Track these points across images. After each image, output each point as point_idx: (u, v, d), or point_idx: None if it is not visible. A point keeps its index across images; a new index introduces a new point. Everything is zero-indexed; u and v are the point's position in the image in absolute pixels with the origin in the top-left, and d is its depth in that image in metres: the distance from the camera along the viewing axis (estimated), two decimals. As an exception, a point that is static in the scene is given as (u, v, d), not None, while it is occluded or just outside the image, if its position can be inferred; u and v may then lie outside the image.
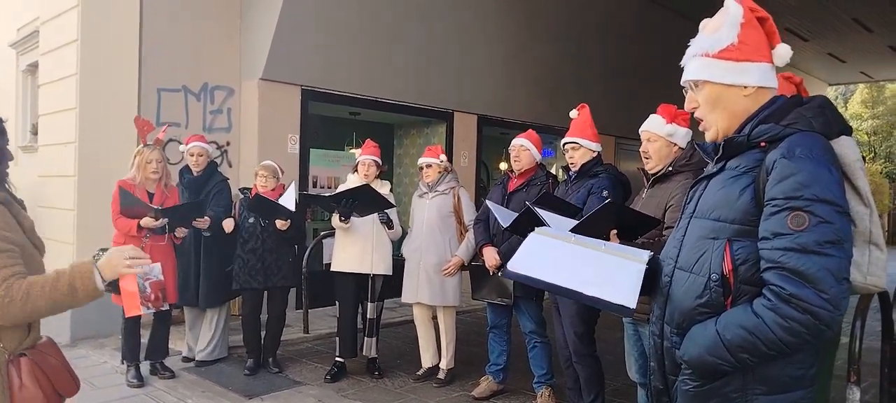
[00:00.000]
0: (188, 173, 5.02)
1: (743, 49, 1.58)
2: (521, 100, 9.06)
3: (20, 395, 1.83)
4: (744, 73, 1.59)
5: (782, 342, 1.40)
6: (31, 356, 1.88)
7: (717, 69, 1.60)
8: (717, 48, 1.60)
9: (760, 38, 1.61)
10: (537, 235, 1.79)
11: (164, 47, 6.19)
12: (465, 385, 4.68)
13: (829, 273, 1.37)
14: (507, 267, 1.69)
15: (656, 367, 1.73)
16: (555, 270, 1.66)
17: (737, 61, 1.58)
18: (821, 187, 1.40)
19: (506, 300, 4.22)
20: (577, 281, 1.62)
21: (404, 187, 8.74)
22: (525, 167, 4.24)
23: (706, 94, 1.64)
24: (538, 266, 1.68)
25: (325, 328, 6.20)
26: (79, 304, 1.88)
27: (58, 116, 6.19)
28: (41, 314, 1.82)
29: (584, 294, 1.60)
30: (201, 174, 4.97)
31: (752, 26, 1.60)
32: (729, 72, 1.59)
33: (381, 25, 7.18)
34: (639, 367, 3.26)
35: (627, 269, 1.65)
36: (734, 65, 1.59)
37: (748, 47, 1.58)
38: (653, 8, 10.76)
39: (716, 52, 1.60)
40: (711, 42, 1.61)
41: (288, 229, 4.70)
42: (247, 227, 4.83)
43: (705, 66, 1.62)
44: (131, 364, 4.62)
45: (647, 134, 3.16)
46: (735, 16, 1.59)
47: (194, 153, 4.96)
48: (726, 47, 1.59)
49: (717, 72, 1.60)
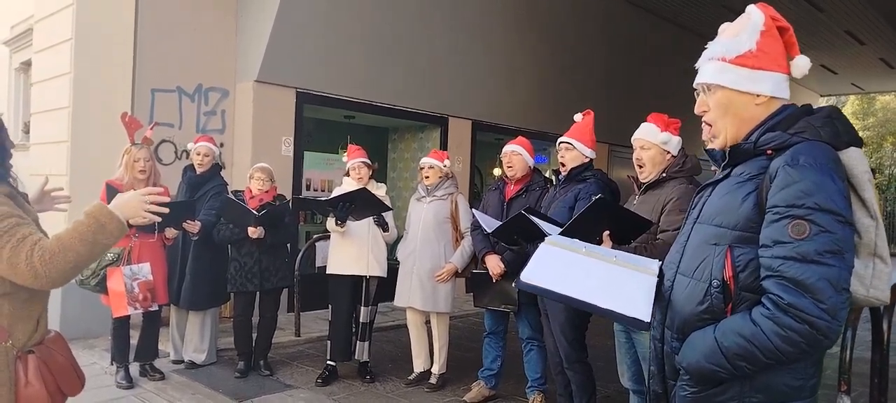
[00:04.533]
0: (191, 171, 5.01)
1: (760, 57, 1.56)
2: (515, 105, 9.08)
3: (25, 392, 1.83)
4: (758, 82, 1.57)
5: (779, 351, 1.39)
6: (39, 353, 1.88)
7: (732, 75, 1.58)
8: (734, 53, 1.58)
9: (779, 48, 1.59)
10: (548, 246, 1.77)
11: (158, 47, 6.16)
12: (457, 391, 4.67)
13: (829, 283, 1.36)
14: (520, 278, 1.65)
15: (656, 371, 1.73)
16: (568, 282, 1.63)
17: (753, 69, 1.57)
18: (823, 196, 1.39)
19: (511, 307, 4.20)
20: (590, 294, 1.59)
21: (398, 191, 8.74)
22: (519, 173, 4.24)
23: (718, 99, 1.62)
24: (551, 277, 1.65)
25: (316, 331, 6.18)
26: (112, 241, 1.87)
27: (50, 115, 6.15)
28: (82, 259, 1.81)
29: (599, 306, 1.57)
30: (204, 173, 4.97)
31: (772, 35, 1.58)
32: (744, 78, 1.57)
33: (376, 29, 7.19)
34: (631, 374, 3.26)
35: (640, 282, 1.64)
36: (749, 72, 1.57)
37: (766, 56, 1.57)
38: (647, 17, 10.82)
39: (733, 58, 1.58)
40: (729, 47, 1.59)
41: (265, 237, 4.64)
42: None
43: (720, 71, 1.60)
44: (121, 366, 4.58)
45: (641, 142, 3.17)
46: (756, 23, 1.58)
47: (200, 152, 4.97)
48: (744, 53, 1.57)
49: (732, 77, 1.58)
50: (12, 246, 1.75)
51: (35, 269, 1.74)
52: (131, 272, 4.32)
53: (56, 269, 1.76)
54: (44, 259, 1.74)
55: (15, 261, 1.74)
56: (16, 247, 1.75)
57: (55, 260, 1.76)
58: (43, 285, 1.79)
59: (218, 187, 4.96)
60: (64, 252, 1.77)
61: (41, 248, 1.76)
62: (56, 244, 1.78)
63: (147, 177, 4.55)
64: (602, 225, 2.74)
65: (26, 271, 1.74)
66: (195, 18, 6.42)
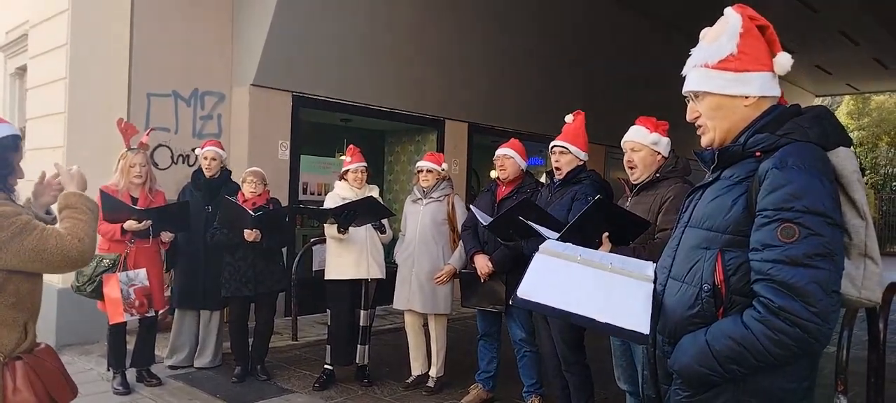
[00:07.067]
0: (201, 176, 5.01)
1: (743, 59, 1.56)
2: (512, 108, 9.09)
3: (13, 399, 1.83)
4: (744, 84, 1.56)
5: (770, 354, 1.39)
6: (28, 360, 1.87)
7: (718, 80, 1.58)
8: (716, 58, 1.57)
9: (761, 46, 1.58)
10: (543, 255, 1.74)
11: (154, 52, 6.15)
12: (455, 394, 4.66)
13: (818, 286, 1.36)
14: (517, 294, 1.61)
15: (649, 376, 1.73)
16: (565, 296, 1.61)
17: (737, 72, 1.56)
18: (812, 198, 1.38)
19: (498, 307, 4.21)
20: (588, 308, 1.57)
21: (395, 194, 8.74)
22: (511, 176, 4.25)
23: (707, 105, 1.62)
24: (548, 292, 1.62)
25: (313, 335, 6.17)
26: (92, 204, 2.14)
27: (46, 120, 6.14)
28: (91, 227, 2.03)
29: (598, 321, 1.55)
30: (215, 178, 4.99)
31: (752, 35, 1.58)
32: (729, 82, 1.57)
33: (372, 33, 7.19)
34: (627, 376, 3.27)
35: (636, 291, 1.63)
36: (734, 75, 1.56)
37: (748, 57, 1.56)
38: (643, 19, 10.84)
39: (715, 63, 1.58)
40: (711, 52, 1.59)
41: (262, 240, 4.63)
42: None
43: (705, 78, 1.60)
44: (117, 372, 4.56)
45: (632, 143, 3.20)
46: (734, 26, 1.57)
47: (208, 156, 4.98)
48: (726, 58, 1.56)
49: (718, 83, 1.58)
50: (37, 236, 1.85)
51: (65, 250, 1.88)
52: (127, 278, 4.31)
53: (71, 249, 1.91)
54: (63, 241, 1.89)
55: (43, 247, 1.84)
56: (41, 236, 1.85)
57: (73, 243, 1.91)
58: (75, 263, 1.95)
59: (233, 190, 4.96)
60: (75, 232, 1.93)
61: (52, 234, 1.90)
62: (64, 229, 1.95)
63: (143, 182, 4.55)
64: (601, 227, 2.74)
65: (57, 254, 1.87)
66: (191, 22, 6.41)
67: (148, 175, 4.58)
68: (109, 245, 4.41)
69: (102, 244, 4.38)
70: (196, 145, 6.09)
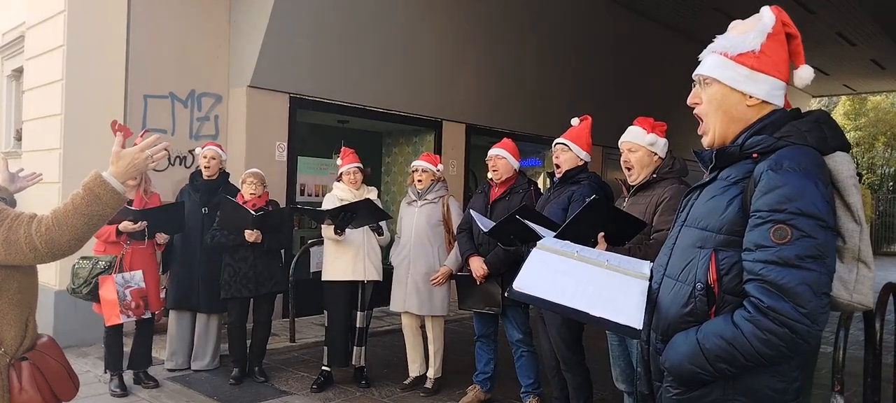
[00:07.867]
0: (199, 177, 5.01)
1: (762, 59, 1.55)
2: (509, 109, 9.10)
3: (19, 399, 1.84)
4: (753, 83, 1.56)
5: (759, 354, 1.40)
6: (32, 359, 1.88)
7: (730, 71, 1.58)
8: (737, 51, 1.57)
9: (782, 54, 1.58)
10: (540, 251, 1.76)
11: (151, 53, 6.15)
12: (453, 395, 4.66)
13: (809, 287, 1.37)
14: (513, 286, 1.63)
15: (642, 373, 1.74)
16: (560, 289, 1.62)
17: (752, 69, 1.56)
18: (805, 201, 1.39)
19: (494, 309, 4.22)
20: (583, 302, 1.58)
21: (393, 195, 8.74)
22: (504, 176, 4.24)
23: (711, 93, 1.62)
24: (543, 285, 1.64)
25: (311, 336, 6.17)
26: (108, 211, 1.87)
27: (43, 122, 6.12)
28: (80, 232, 1.83)
29: (591, 314, 1.56)
30: (214, 178, 4.98)
31: (778, 40, 1.57)
32: (741, 77, 1.57)
33: (370, 33, 7.19)
34: (625, 376, 3.27)
35: (631, 288, 1.64)
36: (748, 72, 1.56)
37: (767, 59, 1.56)
38: (641, 21, 10.86)
39: (734, 54, 1.57)
40: (734, 43, 1.58)
41: (263, 241, 4.64)
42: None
43: (720, 65, 1.59)
44: (114, 374, 4.56)
45: (629, 144, 3.21)
46: (766, 24, 1.57)
47: (207, 155, 4.98)
48: (746, 52, 1.56)
49: (730, 74, 1.58)
50: (7, 226, 1.78)
51: (33, 244, 1.78)
52: (123, 280, 4.31)
53: (54, 243, 1.80)
54: (40, 232, 1.78)
55: (13, 239, 1.77)
56: (11, 226, 1.79)
57: (52, 234, 1.79)
58: (43, 259, 1.82)
59: (231, 192, 4.95)
60: (59, 226, 1.80)
61: (38, 223, 1.80)
62: (52, 218, 1.81)
63: (138, 184, 4.54)
64: (597, 227, 2.75)
65: (25, 247, 1.78)
66: (188, 24, 6.41)
67: (143, 177, 4.58)
68: (105, 247, 4.40)
69: (98, 246, 4.38)
70: (193, 147, 6.09)
